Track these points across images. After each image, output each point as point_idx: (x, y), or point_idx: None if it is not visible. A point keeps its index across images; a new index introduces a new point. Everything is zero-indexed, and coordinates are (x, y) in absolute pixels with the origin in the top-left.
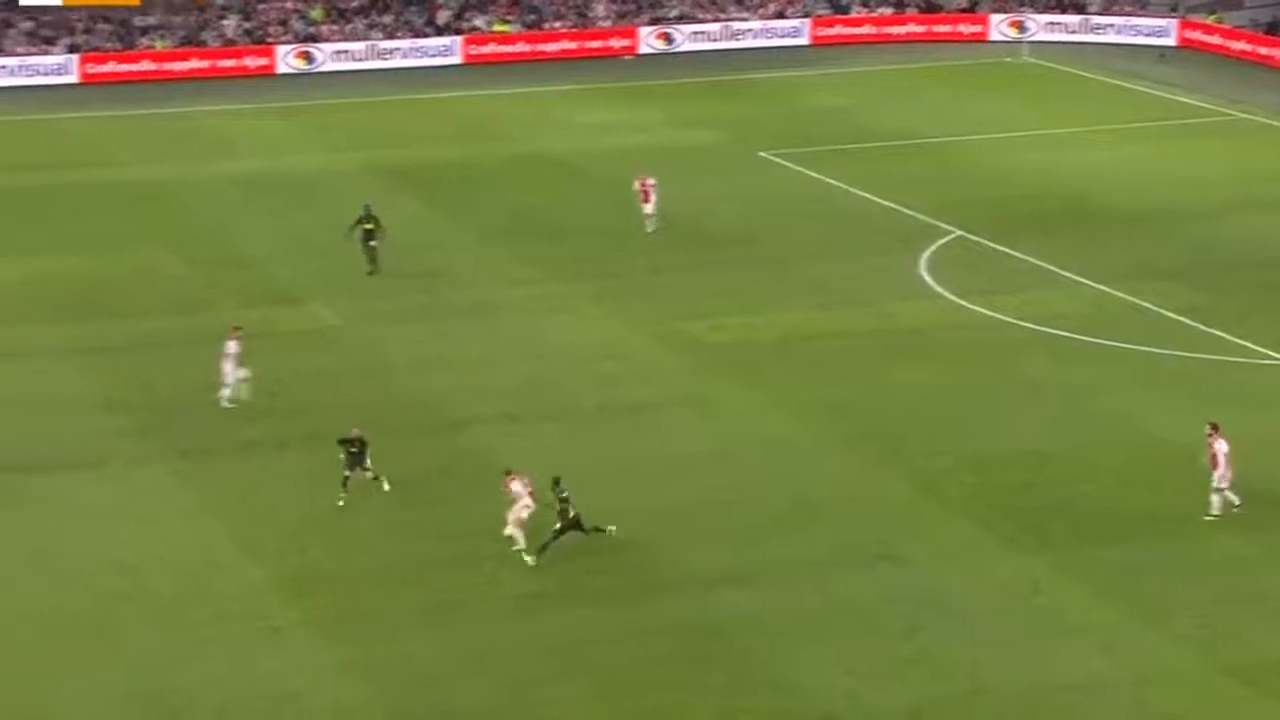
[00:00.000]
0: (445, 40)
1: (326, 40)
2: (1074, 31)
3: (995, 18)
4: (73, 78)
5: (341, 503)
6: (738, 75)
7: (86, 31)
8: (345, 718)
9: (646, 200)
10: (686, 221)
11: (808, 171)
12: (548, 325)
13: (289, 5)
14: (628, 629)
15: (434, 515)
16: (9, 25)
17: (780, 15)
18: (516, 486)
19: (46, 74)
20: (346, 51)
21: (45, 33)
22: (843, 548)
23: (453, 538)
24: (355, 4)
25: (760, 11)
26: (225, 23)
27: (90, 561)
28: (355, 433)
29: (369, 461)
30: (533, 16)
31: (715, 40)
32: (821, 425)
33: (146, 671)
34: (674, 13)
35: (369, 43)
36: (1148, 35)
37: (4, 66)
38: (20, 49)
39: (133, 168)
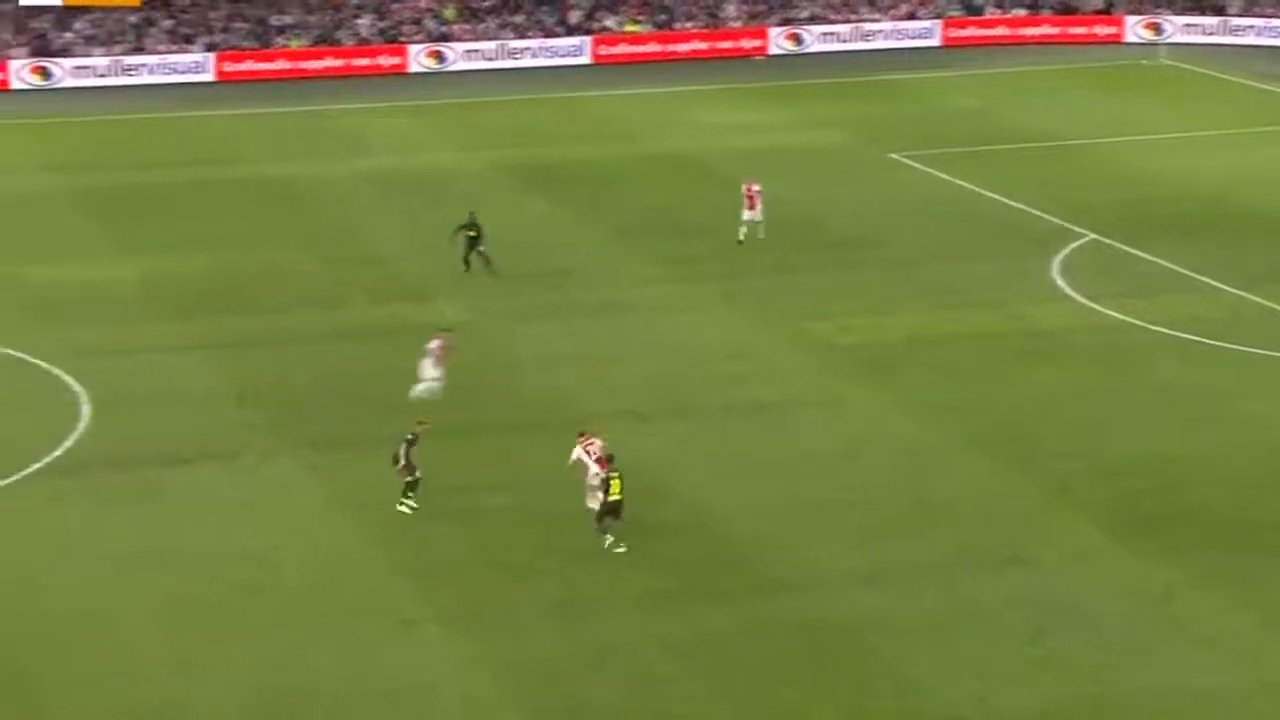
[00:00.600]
0: (576, 40)
1: (458, 40)
2: (1212, 33)
3: (1131, 19)
4: (209, 76)
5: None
6: (868, 77)
7: (224, 30)
8: (476, 712)
9: (751, 207)
10: (815, 222)
11: (938, 173)
12: (675, 324)
13: (422, 5)
14: (752, 627)
15: (561, 511)
16: (150, 23)
17: (911, 16)
18: (579, 452)
19: (184, 72)
20: (478, 51)
21: (184, 31)
22: (970, 550)
23: (580, 533)
24: (487, 4)
25: (892, 13)
26: (359, 22)
27: (223, 553)
28: (419, 429)
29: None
30: (663, 17)
31: (846, 41)
32: (950, 427)
33: (277, 663)
34: (804, 13)
35: (500, 42)
36: None
37: (144, 65)
38: (160, 47)
39: (266, 165)
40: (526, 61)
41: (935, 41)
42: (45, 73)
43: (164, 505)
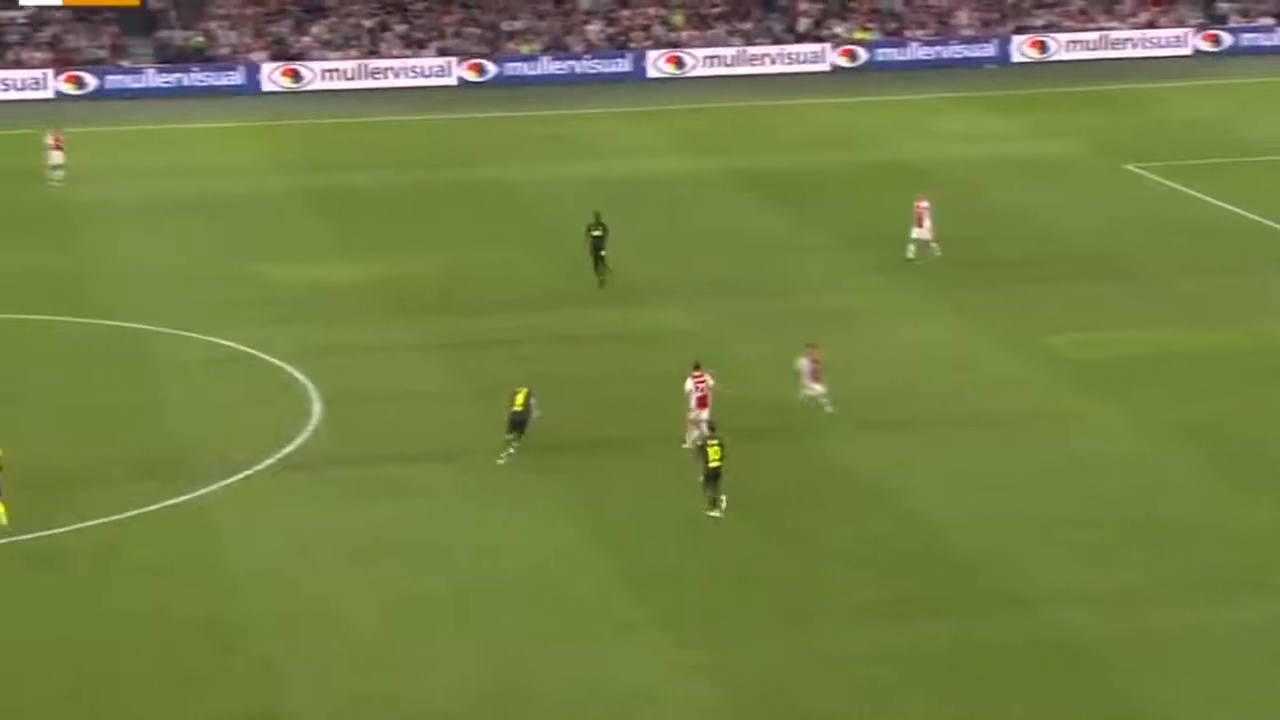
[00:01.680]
0: (809, 47)
1: (687, 46)
2: None
3: None
4: (450, 80)
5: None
6: (1105, 86)
7: (456, 35)
8: (696, 719)
9: (920, 224)
10: (1048, 234)
11: (1177, 185)
12: (903, 334)
13: (651, 11)
14: (977, 641)
15: (784, 520)
16: (384, 28)
17: (1151, 24)
18: (689, 385)
19: (425, 76)
20: (717, 57)
21: (417, 35)
22: (1209, 573)
23: (801, 542)
24: (716, 10)
25: (1131, 21)
26: (589, 28)
27: (450, 550)
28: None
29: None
30: (894, 24)
31: (1083, 49)
32: (1189, 446)
33: (499, 659)
34: (1040, 21)
35: (739, 49)
36: None
37: (388, 68)
38: (395, 52)
39: (494, 168)
40: (761, 68)
41: (1184, 50)
42: (295, 75)
43: (394, 501)
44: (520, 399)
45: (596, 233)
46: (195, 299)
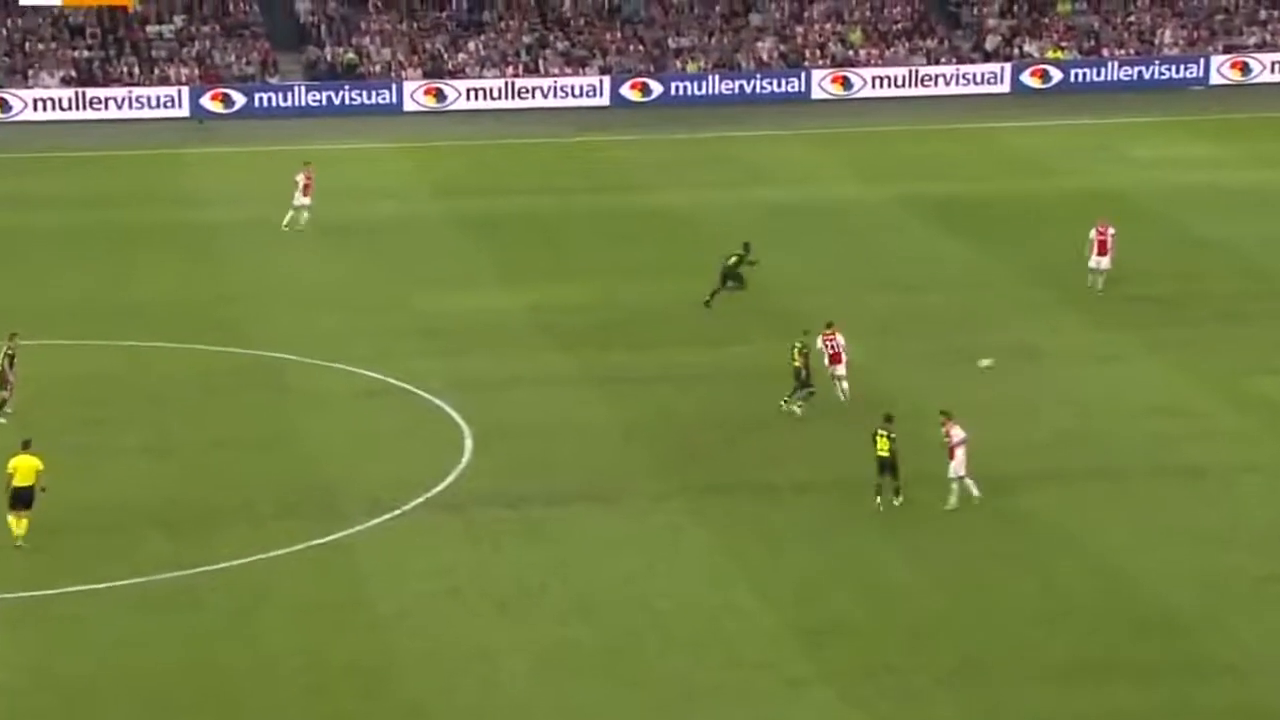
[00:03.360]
0: (994, 67)
1: (865, 65)
2: None
3: None
4: (604, 100)
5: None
6: None
7: (619, 53)
8: None
9: (1103, 252)
10: (1261, 268)
11: None
12: (1096, 374)
13: (828, 27)
14: (1184, 710)
15: (963, 572)
16: (544, 45)
17: None
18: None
19: (580, 95)
20: (887, 78)
21: (579, 54)
22: None
23: (982, 596)
24: (897, 27)
25: None
26: (760, 45)
27: (605, 598)
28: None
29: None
30: (1090, 43)
31: None
32: None
33: (658, 713)
34: (1252, 40)
35: (910, 68)
36: None
37: (537, 87)
38: (554, 70)
39: (657, 193)
40: (940, 89)
41: None
42: (439, 95)
43: (547, 545)
44: (884, 444)
45: (731, 260)
46: (343, 328)
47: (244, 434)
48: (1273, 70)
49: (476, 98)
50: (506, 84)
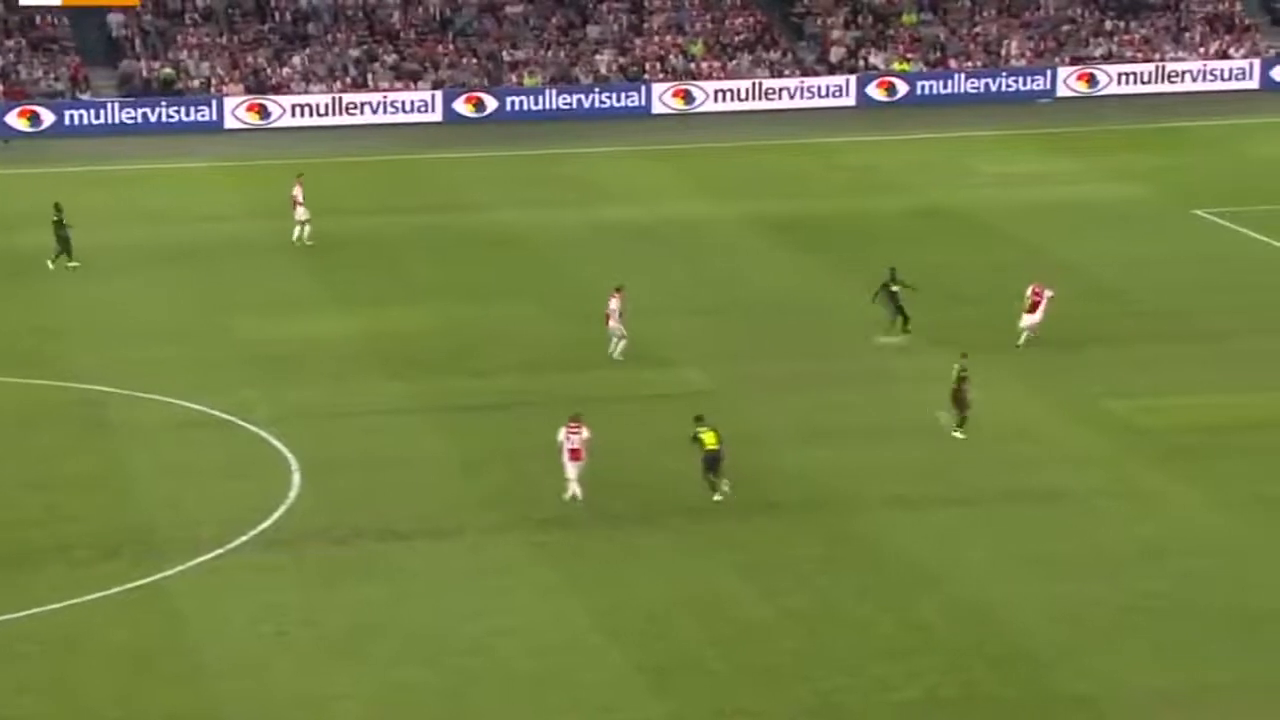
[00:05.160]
0: (839, 79)
1: (707, 78)
2: None
3: None
4: (436, 116)
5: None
6: (1170, 123)
7: (452, 66)
8: None
9: (1032, 311)
10: (1110, 288)
11: (1252, 233)
12: (946, 398)
13: (669, 39)
14: None
15: (817, 606)
16: (372, 59)
17: (1224, 55)
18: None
19: (410, 111)
20: (729, 91)
21: (409, 67)
22: None
23: (836, 632)
24: (739, 39)
25: (1200, 51)
26: (599, 58)
27: (443, 637)
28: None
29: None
30: (936, 54)
31: (1145, 83)
32: (1275, 524)
33: None
34: (1099, 51)
35: (753, 81)
36: None
37: (366, 103)
38: (384, 84)
39: (494, 212)
40: (783, 103)
41: (1253, 84)
42: (263, 111)
43: (381, 583)
44: (712, 438)
45: (894, 288)
46: (163, 357)
47: (58, 471)
48: (1119, 82)
49: (301, 114)
50: (333, 100)
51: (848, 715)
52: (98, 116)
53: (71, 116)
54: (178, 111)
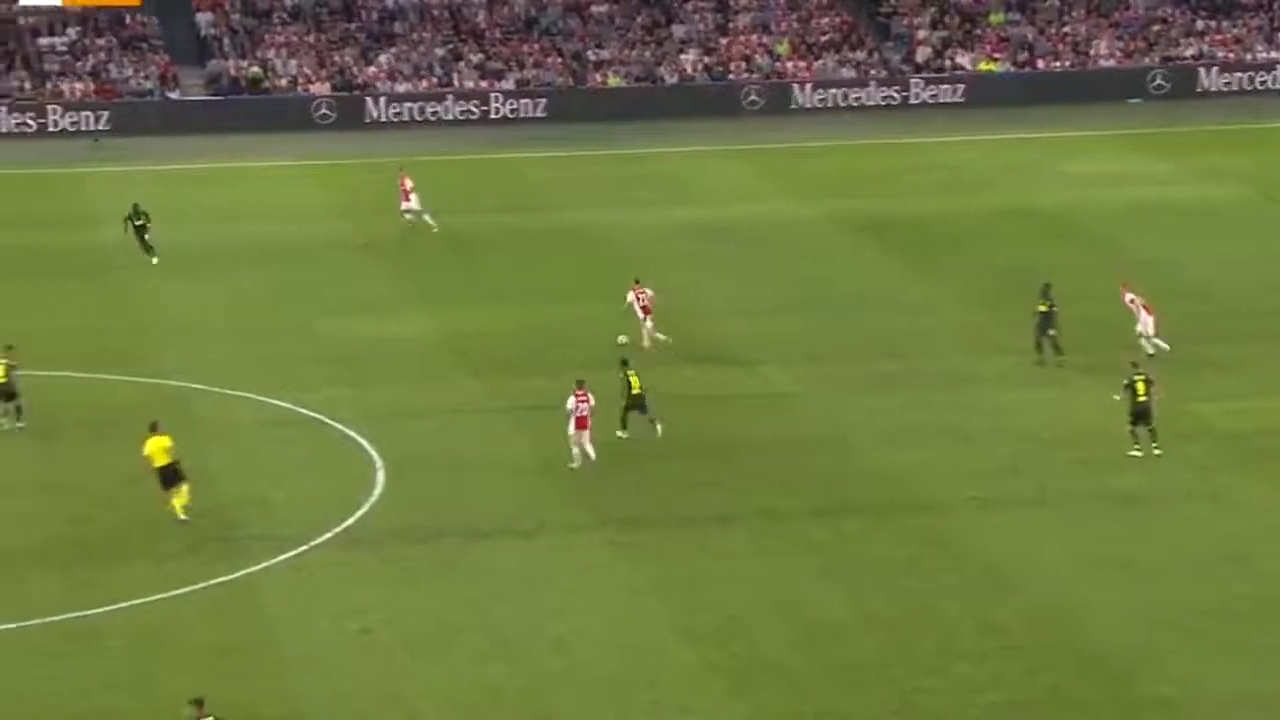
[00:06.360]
0: (925, 79)
1: (792, 78)
2: None
3: None
4: (521, 115)
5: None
6: (1262, 123)
7: (537, 66)
8: None
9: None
10: (1199, 289)
11: None
12: (1030, 399)
13: (754, 38)
14: None
15: (898, 607)
16: (457, 58)
17: None
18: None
19: (495, 110)
20: (815, 90)
21: (495, 66)
22: None
23: (917, 633)
24: (825, 39)
25: None
26: (684, 58)
27: (522, 638)
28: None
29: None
30: (1024, 54)
31: (1236, 82)
32: None
33: None
34: (1189, 51)
35: (839, 81)
36: None
37: (452, 102)
38: (469, 83)
39: (578, 212)
40: (869, 102)
41: None
42: (348, 110)
43: (462, 582)
44: (636, 382)
45: (1042, 307)
46: (248, 355)
47: (144, 467)
48: (1210, 82)
49: (387, 112)
50: (419, 98)
51: (931, 717)
52: (186, 114)
53: (161, 115)
54: (265, 110)
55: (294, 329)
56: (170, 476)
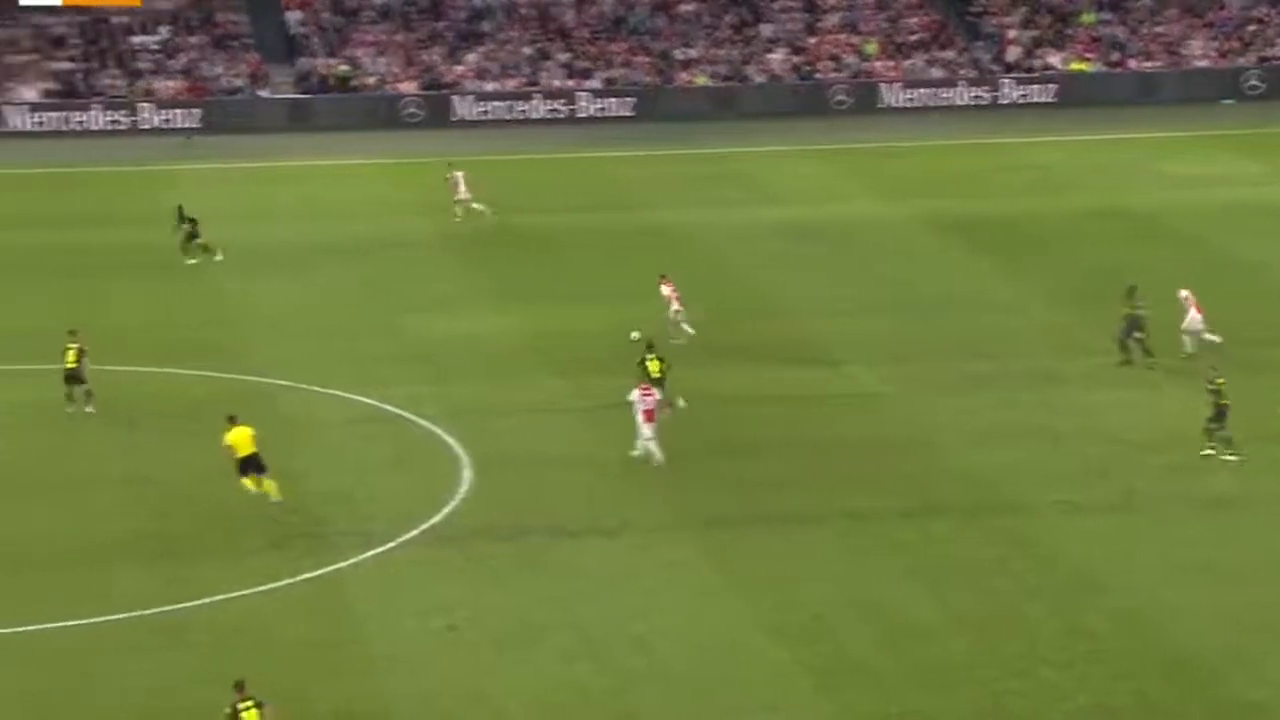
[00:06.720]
0: (1014, 78)
1: (881, 77)
2: None
3: None
4: (607, 113)
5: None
6: None
7: (624, 65)
8: None
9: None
10: None
11: None
12: (1119, 401)
13: (842, 38)
14: None
15: (985, 608)
16: (545, 57)
17: None
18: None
19: (582, 109)
20: (904, 90)
21: (582, 65)
22: None
23: (1004, 635)
24: (914, 38)
25: None
26: (771, 57)
27: (608, 637)
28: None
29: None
30: (1116, 55)
31: None
32: None
33: None
34: None
35: (928, 80)
36: None
37: (540, 100)
38: (555, 82)
39: (664, 211)
40: (958, 102)
41: None
42: (435, 108)
43: (548, 580)
44: (656, 367)
45: (1130, 310)
46: (334, 351)
47: (225, 457)
48: None
49: (474, 111)
50: (506, 97)
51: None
52: (275, 112)
53: (250, 112)
54: (353, 108)
55: (379, 326)
56: (254, 466)
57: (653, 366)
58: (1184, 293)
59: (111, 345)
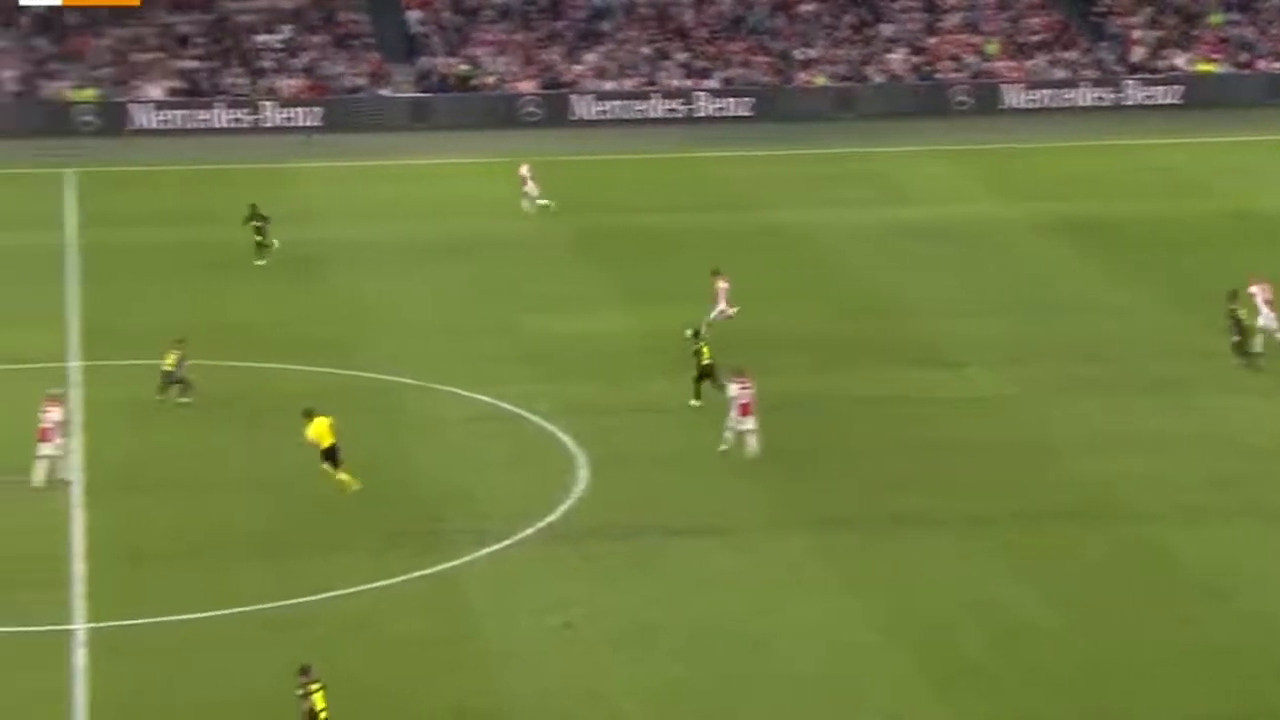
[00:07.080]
0: (1139, 79)
1: (1002, 78)
2: None
3: None
4: (728, 113)
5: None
6: None
7: (743, 65)
8: None
9: (1270, 307)
10: None
11: None
12: (1243, 408)
13: (963, 38)
14: None
15: (1103, 615)
16: (664, 56)
17: None
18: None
19: (702, 109)
20: (1026, 90)
21: (700, 65)
22: None
23: (1124, 642)
24: (1036, 39)
25: None
26: (891, 57)
27: (720, 636)
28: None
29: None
30: (1245, 55)
31: None
32: None
33: None
34: None
35: (1051, 81)
36: None
37: (658, 100)
38: (674, 82)
39: (782, 211)
40: (1082, 103)
41: None
42: (554, 107)
43: (662, 579)
44: (708, 352)
45: (1235, 310)
46: (452, 350)
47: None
48: None
49: (593, 110)
50: (624, 96)
51: None
52: (396, 111)
53: (371, 111)
54: (473, 107)
55: (495, 324)
56: (329, 457)
57: (706, 352)
58: (1254, 288)
59: (233, 341)
